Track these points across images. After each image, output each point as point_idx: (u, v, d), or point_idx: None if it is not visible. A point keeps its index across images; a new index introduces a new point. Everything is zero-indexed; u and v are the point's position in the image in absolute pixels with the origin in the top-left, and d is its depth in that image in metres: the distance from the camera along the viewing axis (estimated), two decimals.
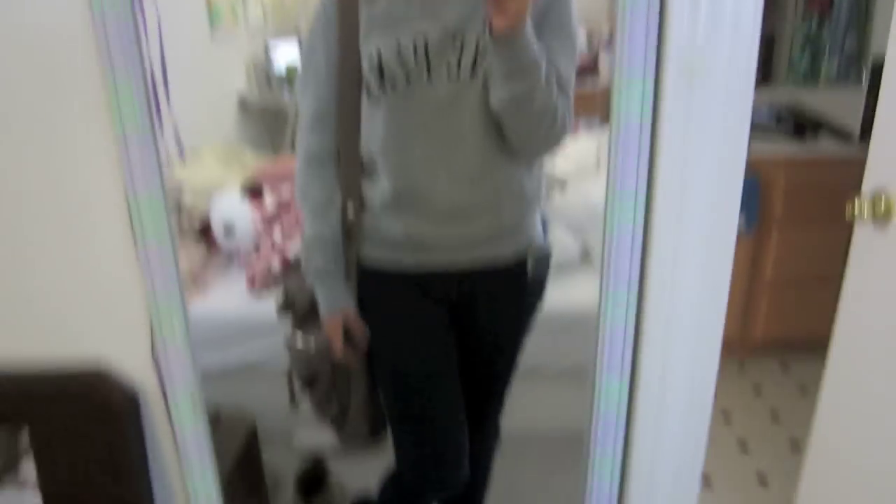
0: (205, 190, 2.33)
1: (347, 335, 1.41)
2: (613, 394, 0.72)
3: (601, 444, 0.76)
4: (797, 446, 2.52)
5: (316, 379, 1.52)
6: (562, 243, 2.26)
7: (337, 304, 1.39)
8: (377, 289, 1.42)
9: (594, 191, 2.30)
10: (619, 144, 0.64)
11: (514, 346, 1.56)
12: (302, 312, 1.54)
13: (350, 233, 1.38)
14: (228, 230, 2.20)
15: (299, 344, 1.51)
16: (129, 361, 0.76)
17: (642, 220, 0.64)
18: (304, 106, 1.30)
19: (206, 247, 2.31)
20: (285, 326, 1.58)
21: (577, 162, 2.52)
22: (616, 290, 0.70)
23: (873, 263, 1.62)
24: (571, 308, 2.21)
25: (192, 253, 2.22)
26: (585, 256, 2.36)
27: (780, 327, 2.82)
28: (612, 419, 0.74)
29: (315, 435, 2.34)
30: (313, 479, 2.10)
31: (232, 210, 2.19)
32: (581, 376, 2.28)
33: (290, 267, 1.54)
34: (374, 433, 1.59)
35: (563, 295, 2.26)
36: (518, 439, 2.38)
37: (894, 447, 1.61)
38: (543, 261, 1.47)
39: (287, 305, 1.58)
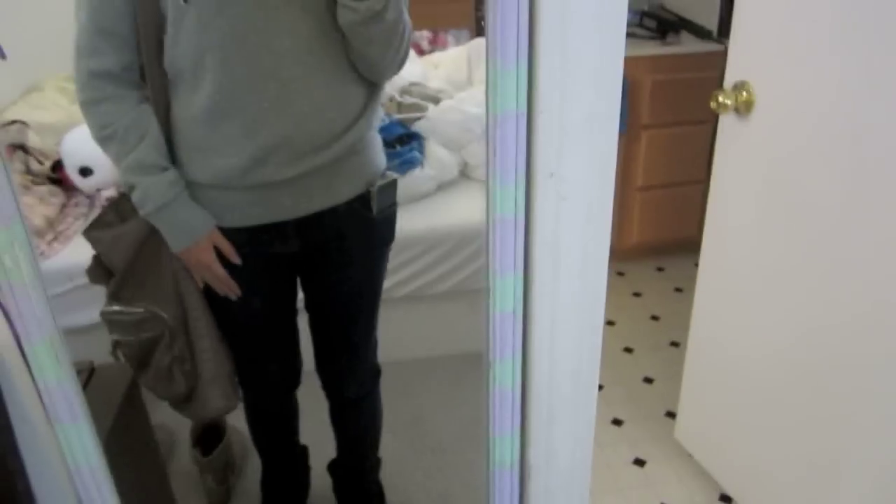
0: (52, 128, 2.14)
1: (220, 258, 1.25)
2: (508, 293, 0.70)
3: (500, 350, 0.74)
4: (677, 345, 2.66)
5: (151, 355, 1.30)
6: (440, 161, 2.23)
7: (200, 230, 1.23)
8: None
9: (468, 104, 2.28)
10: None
11: (370, 284, 1.49)
12: (121, 274, 1.29)
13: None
14: (85, 172, 2.04)
15: (121, 314, 1.27)
16: None
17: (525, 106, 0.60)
18: (85, 20, 1.11)
19: (62, 191, 2.14)
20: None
21: (449, 76, 2.47)
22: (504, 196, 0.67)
23: (737, 151, 1.70)
24: (453, 226, 2.21)
25: (46, 200, 2.05)
26: (464, 172, 2.35)
27: (654, 231, 2.94)
28: (509, 315, 0.72)
29: None
30: (209, 431, 2.04)
31: (86, 149, 2.03)
32: (467, 295, 2.31)
33: (96, 221, 1.30)
34: (231, 404, 1.42)
35: (444, 213, 2.25)
36: (412, 364, 2.40)
37: (764, 335, 1.72)
38: (390, 190, 1.37)
39: (100, 269, 1.31)
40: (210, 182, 1.20)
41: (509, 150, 0.62)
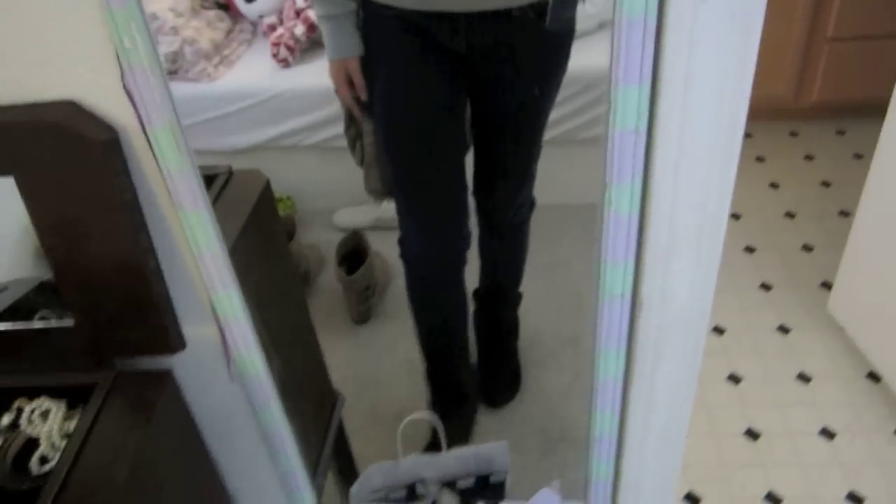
0: None
1: (351, 83, 1.38)
2: (631, 106, 0.64)
3: (618, 170, 0.70)
4: (846, 214, 2.45)
5: (348, 127, 1.54)
6: None
7: (337, 53, 1.34)
8: (378, 37, 1.32)
9: None
10: None
11: (536, 105, 1.45)
12: None
13: None
14: None
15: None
16: (99, 93, 0.71)
17: None
18: None
19: (229, 17, 2.21)
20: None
21: None
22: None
23: None
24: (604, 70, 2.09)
25: (214, 24, 2.12)
26: None
27: (839, 89, 2.63)
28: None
29: (354, 213, 2.38)
30: (354, 253, 2.15)
31: None
32: None
33: None
34: (378, 195, 1.60)
35: (603, 54, 2.13)
36: (555, 209, 2.36)
37: None
38: (569, 4, 1.31)
39: None
40: None
41: None
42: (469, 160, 1.56)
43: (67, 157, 0.70)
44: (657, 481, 1.04)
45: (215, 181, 1.02)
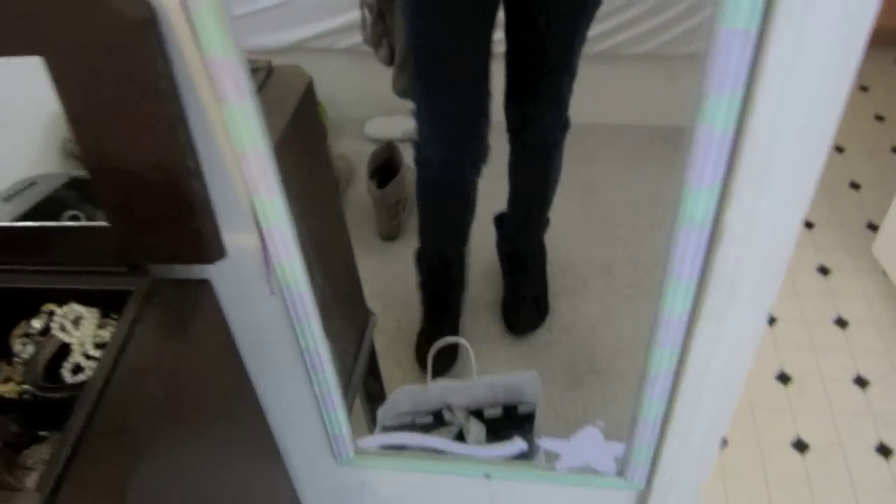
0: None
1: None
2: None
3: (720, 78, 0.61)
4: None
5: (375, 25, 1.44)
6: None
7: None
8: None
9: None
10: None
11: (570, 18, 1.37)
12: None
13: None
14: None
15: None
16: None
17: None
18: None
19: None
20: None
21: None
22: None
23: None
24: None
25: None
26: None
27: None
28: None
29: (386, 124, 2.29)
30: (386, 165, 2.08)
31: None
32: (667, 61, 2.10)
33: None
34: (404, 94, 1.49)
35: None
36: (595, 129, 2.26)
37: None
38: None
39: None
40: None
41: None
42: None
43: (100, 37, 0.63)
44: (708, 426, 0.99)
45: (254, 77, 0.95)
